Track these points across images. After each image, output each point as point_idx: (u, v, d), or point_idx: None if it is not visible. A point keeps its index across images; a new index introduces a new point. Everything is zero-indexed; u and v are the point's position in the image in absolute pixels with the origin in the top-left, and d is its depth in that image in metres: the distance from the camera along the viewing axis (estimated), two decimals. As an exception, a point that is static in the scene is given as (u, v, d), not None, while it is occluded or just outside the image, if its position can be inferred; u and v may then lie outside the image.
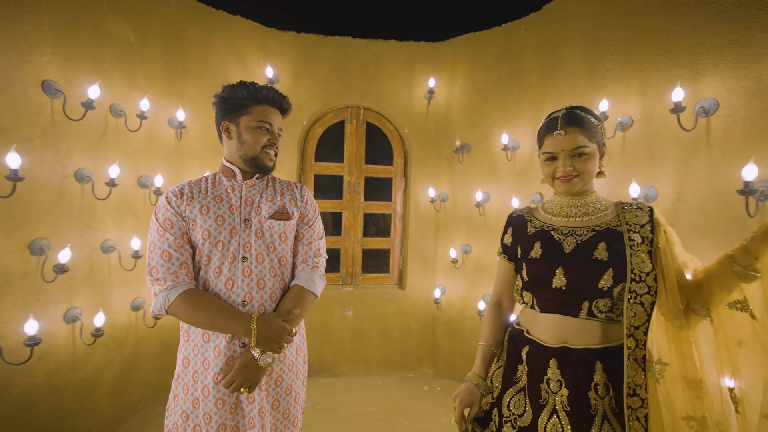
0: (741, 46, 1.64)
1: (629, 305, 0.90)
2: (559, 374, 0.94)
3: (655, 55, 1.91)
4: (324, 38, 2.95)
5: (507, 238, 1.18)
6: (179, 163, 2.49)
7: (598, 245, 0.96)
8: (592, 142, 0.99)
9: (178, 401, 1.15)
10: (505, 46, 2.73)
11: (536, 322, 1.03)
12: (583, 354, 0.93)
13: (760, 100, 1.57)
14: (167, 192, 1.16)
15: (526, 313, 1.09)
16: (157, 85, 2.38)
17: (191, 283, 1.11)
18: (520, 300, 1.10)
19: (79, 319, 1.94)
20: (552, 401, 0.94)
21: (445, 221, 3.02)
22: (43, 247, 1.78)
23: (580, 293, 0.95)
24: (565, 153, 0.99)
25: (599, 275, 0.94)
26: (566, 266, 0.97)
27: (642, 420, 0.85)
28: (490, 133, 2.78)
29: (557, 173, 1.01)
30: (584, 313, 0.95)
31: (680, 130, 1.76)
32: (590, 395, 0.90)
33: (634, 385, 0.87)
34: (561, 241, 1.01)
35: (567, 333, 0.96)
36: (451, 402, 1.14)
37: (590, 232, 0.99)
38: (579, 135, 0.97)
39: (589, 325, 0.94)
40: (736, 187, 1.54)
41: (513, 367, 1.06)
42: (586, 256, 0.96)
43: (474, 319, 2.81)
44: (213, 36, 2.62)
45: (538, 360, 0.99)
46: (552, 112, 1.06)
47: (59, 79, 1.87)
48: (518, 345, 1.07)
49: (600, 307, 0.94)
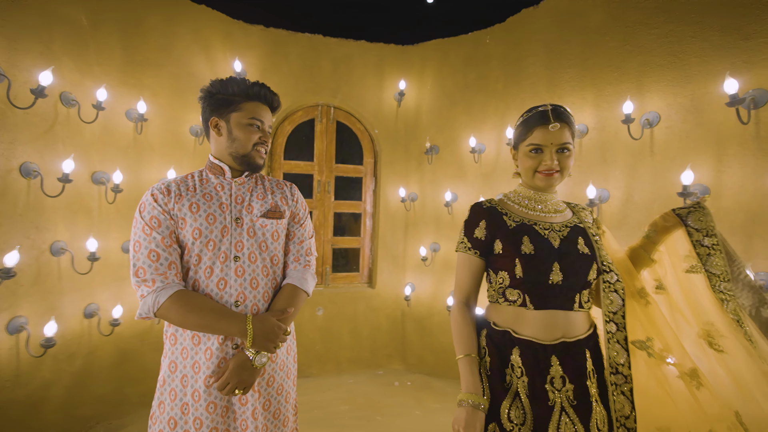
0: (678, 67, 1.88)
1: (605, 294, 1.01)
2: (561, 370, 0.94)
3: (608, 71, 2.13)
4: (294, 35, 2.91)
5: (479, 232, 1.06)
6: (138, 158, 2.32)
7: (578, 240, 1.02)
8: (573, 141, 1.02)
9: (164, 408, 1.09)
10: (471, 53, 2.86)
11: (525, 321, 0.99)
12: (577, 344, 0.97)
13: (694, 115, 1.82)
14: (152, 189, 1.10)
15: (507, 312, 1.02)
16: (113, 74, 2.20)
17: (181, 284, 1.07)
18: (501, 298, 1.03)
19: (24, 329, 1.75)
20: (559, 400, 0.93)
21: (414, 220, 3.10)
22: (-17, 250, 1.59)
23: (573, 287, 0.99)
24: (553, 147, 0.99)
25: (588, 268, 1.00)
26: (561, 261, 0.98)
27: (627, 394, 0.96)
28: (458, 136, 2.91)
29: (541, 167, 1.01)
30: (577, 305, 0.99)
31: (629, 138, 1.98)
32: (588, 383, 0.95)
33: (616, 365, 0.97)
34: (546, 236, 1.02)
35: (563, 327, 0.97)
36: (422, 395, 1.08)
37: (566, 228, 1.04)
38: (566, 131, 0.99)
39: (578, 317, 0.99)
40: (676, 190, 1.76)
41: (501, 373, 0.99)
42: (575, 251, 1.00)
43: (443, 314, 2.92)
44: (175, 25, 2.47)
45: (537, 360, 0.95)
46: (535, 107, 1.05)
47: (2, 62, 1.67)
48: (503, 348, 1.00)
49: (584, 298, 1.01)
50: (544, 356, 0.95)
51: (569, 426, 0.91)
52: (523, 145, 1.05)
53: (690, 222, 1.08)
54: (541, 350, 0.96)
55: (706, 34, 1.79)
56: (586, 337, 1.00)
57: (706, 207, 1.07)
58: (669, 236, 1.10)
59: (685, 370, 0.98)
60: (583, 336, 1.00)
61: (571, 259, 1.00)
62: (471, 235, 1.08)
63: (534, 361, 0.95)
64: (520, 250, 1.01)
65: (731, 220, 1.68)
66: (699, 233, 1.05)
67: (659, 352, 1.01)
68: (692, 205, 1.09)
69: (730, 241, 1.09)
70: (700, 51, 1.80)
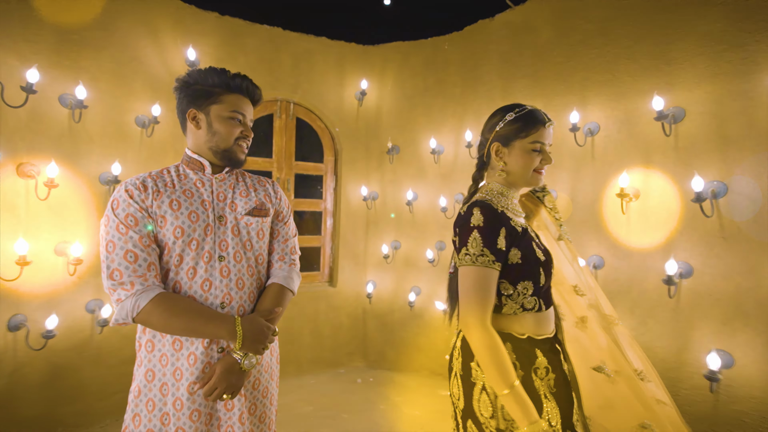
0: (614, 84, 2.14)
1: None
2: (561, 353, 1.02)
3: (555, 83, 2.35)
4: (252, 25, 2.79)
5: (501, 242, 0.93)
6: (75, 149, 2.07)
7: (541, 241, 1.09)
8: None
9: (140, 420, 1.01)
10: (431, 57, 2.97)
11: (541, 322, 1.00)
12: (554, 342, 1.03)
13: (627, 127, 2.09)
14: (126, 184, 1.01)
15: (527, 320, 0.98)
16: (43, 53, 1.95)
17: (161, 286, 1.00)
18: (519, 310, 0.97)
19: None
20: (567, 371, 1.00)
21: (375, 219, 3.14)
22: None
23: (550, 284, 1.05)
24: (547, 146, 1.01)
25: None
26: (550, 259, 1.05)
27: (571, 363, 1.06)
28: (418, 137, 3.01)
29: (541, 164, 1.00)
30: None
31: (575, 145, 2.21)
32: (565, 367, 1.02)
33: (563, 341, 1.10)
34: (535, 238, 1.05)
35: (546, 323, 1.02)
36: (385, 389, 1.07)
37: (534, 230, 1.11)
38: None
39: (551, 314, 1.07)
40: (614, 191, 2.01)
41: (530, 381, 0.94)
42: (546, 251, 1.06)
43: (404, 310, 3.00)
44: (117, 3, 2.24)
45: (552, 353, 0.99)
46: (523, 106, 1.01)
47: None
48: (530, 355, 0.96)
49: None
50: (553, 345, 1.01)
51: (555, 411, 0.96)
52: (523, 142, 0.99)
53: (546, 202, 1.15)
54: (552, 341, 1.01)
55: (636, 56, 2.06)
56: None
57: (549, 192, 1.17)
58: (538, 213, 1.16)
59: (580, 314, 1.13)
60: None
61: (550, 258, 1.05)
62: (494, 246, 0.92)
63: (551, 354, 0.98)
64: (537, 257, 0.98)
65: (656, 218, 1.96)
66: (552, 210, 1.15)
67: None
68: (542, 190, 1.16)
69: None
70: (632, 71, 2.07)
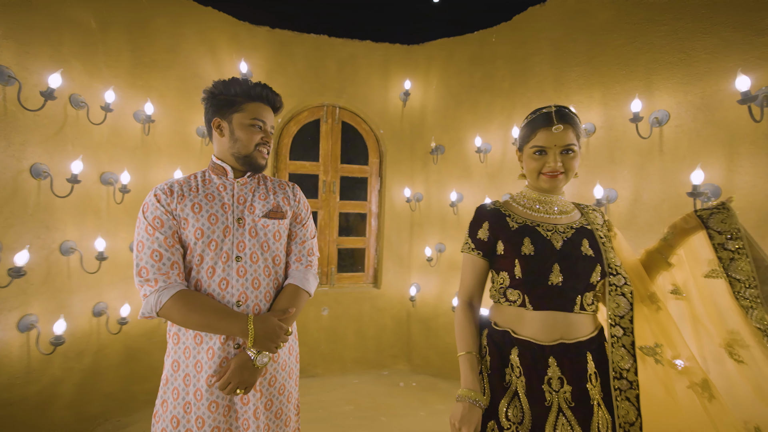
0: (688, 64, 1.84)
1: (611, 297, 0.99)
2: (559, 372, 0.94)
3: (615, 69, 2.09)
4: (299, 35, 2.92)
5: (482, 233, 1.09)
6: (146, 159, 2.35)
7: (582, 242, 1.02)
8: (578, 142, 1.02)
9: (167, 407, 1.10)
10: (477, 52, 2.84)
11: (525, 321, 1.00)
12: (577, 347, 0.96)
13: (704, 113, 1.78)
14: (155, 189, 1.11)
15: (508, 312, 1.04)
16: (121, 76, 2.24)
17: (183, 284, 1.08)
18: (502, 299, 1.05)
19: (35, 326, 1.79)
20: (556, 400, 0.93)
21: (419, 221, 3.09)
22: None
23: (574, 288, 0.98)
24: (557, 149, 0.99)
25: (591, 270, 0.99)
26: (561, 263, 0.98)
27: (633, 400, 0.93)
28: (464, 136, 2.89)
29: (545, 168, 1.01)
30: (578, 307, 0.98)
31: (638, 137, 1.95)
32: (588, 386, 0.94)
33: (620, 369, 0.95)
34: (549, 237, 1.02)
35: (562, 328, 0.97)
36: (427, 395, 1.09)
37: (571, 230, 1.03)
38: (570, 132, 0.99)
39: (580, 319, 0.98)
40: (686, 190, 1.73)
41: (500, 372, 1.00)
42: (578, 253, 1.00)
43: (448, 315, 2.90)
44: (182, 26, 2.50)
45: (534, 361, 0.96)
46: (539, 108, 1.05)
47: (13, 65, 1.71)
48: (502, 347, 1.02)
49: (587, 301, 1.00)
50: (542, 357, 0.96)
51: (566, 427, 0.91)
52: (527, 147, 1.05)
53: (711, 224, 1.01)
54: (539, 351, 0.96)
55: (716, 30, 1.74)
56: (588, 340, 0.99)
57: (731, 208, 1.01)
58: (688, 239, 1.05)
59: (697, 380, 0.95)
60: (584, 338, 0.99)
61: (573, 260, 0.99)
62: (474, 236, 1.11)
63: (532, 361, 0.96)
64: (520, 251, 1.02)
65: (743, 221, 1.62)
66: (721, 236, 0.99)
67: (669, 359, 0.98)
68: (716, 207, 1.03)
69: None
70: (710, 47, 1.76)
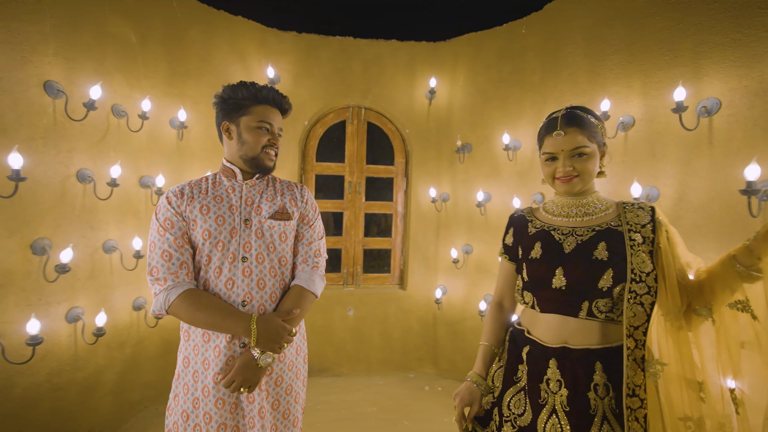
0: (744, 45, 1.63)
1: (629, 305, 0.90)
2: (558, 374, 0.94)
3: (657, 55, 1.90)
4: (325, 38, 2.95)
5: (508, 239, 1.18)
6: (181, 163, 2.49)
7: (598, 245, 0.96)
8: (592, 142, 0.99)
9: (178, 401, 1.15)
10: (506, 45, 2.72)
11: (536, 322, 1.03)
12: (583, 354, 0.93)
13: (763, 100, 1.56)
14: (167, 192, 1.16)
15: (526, 313, 1.10)
16: (158, 86, 2.38)
17: (191, 283, 1.11)
18: (521, 300, 1.10)
19: (80, 318, 1.95)
20: (552, 401, 0.94)
21: (446, 221, 3.02)
22: (45, 247, 1.78)
23: (579, 293, 0.95)
24: (565, 153, 0.99)
25: (599, 275, 0.94)
26: (566, 266, 0.97)
27: (641, 420, 0.85)
28: (492, 133, 2.78)
29: (557, 173, 1.02)
30: (584, 313, 0.95)
31: (682, 129, 1.75)
32: (590, 395, 0.90)
33: (633, 386, 0.87)
34: (561, 241, 1.01)
35: (567, 333, 0.96)
36: (452, 402, 1.11)
37: (590, 232, 0.99)
38: (579, 135, 0.97)
39: (588, 326, 0.94)
40: (739, 187, 1.53)
41: (514, 367, 1.06)
42: (586, 256, 0.96)
43: (475, 319, 2.80)
44: (214, 36, 2.62)
45: (537, 360, 0.99)
46: (552, 113, 1.06)
47: (61, 80, 1.87)
48: (519, 345, 1.07)
49: (600, 307, 0.94)
50: (544, 357, 0.98)
51: (557, 427, 0.92)
52: (540, 154, 1.07)
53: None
54: (542, 351, 0.99)
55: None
56: (599, 349, 0.92)
57: None
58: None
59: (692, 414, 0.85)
60: (594, 347, 0.93)
61: (578, 264, 0.96)
62: (503, 241, 1.21)
63: (535, 360, 1.00)
64: (529, 255, 1.06)
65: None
66: None
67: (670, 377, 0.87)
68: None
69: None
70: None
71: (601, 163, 1.03)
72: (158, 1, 2.36)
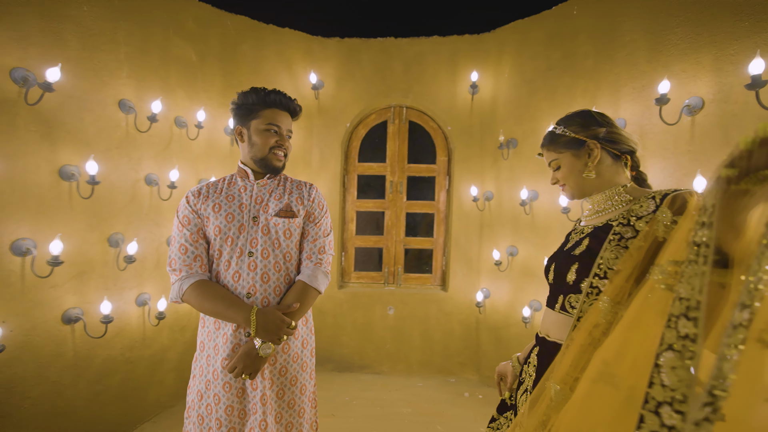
0: None
1: (587, 299, 0.87)
2: (536, 361, 1.03)
3: (733, 22, 1.59)
4: (366, 41, 3.01)
5: None
6: (233, 166, 2.73)
7: (583, 241, 0.96)
8: (561, 153, 1.01)
9: (195, 381, 1.27)
10: (555, 30, 2.50)
11: (546, 316, 1.09)
12: (554, 347, 0.97)
13: None
14: (188, 192, 1.29)
15: None
16: (215, 98, 2.65)
17: (204, 275, 1.22)
18: None
19: (147, 303, 2.25)
20: (527, 380, 1.05)
21: (489, 221, 2.87)
22: (119, 241, 2.10)
23: (557, 287, 0.99)
24: (552, 168, 1.07)
25: (566, 270, 0.96)
26: (556, 263, 1.02)
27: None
28: (539, 126, 2.57)
29: None
30: (558, 306, 0.98)
31: (761, 110, 1.44)
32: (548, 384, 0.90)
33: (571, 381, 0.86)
34: (570, 239, 1.04)
35: (549, 324, 1.02)
36: (492, 412, 1.20)
37: (590, 229, 0.98)
38: (550, 152, 1.05)
39: (562, 320, 0.97)
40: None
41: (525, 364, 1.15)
42: (569, 252, 0.98)
43: (519, 326, 2.62)
44: (264, 49, 2.83)
45: (532, 345, 1.11)
46: None
47: (132, 98, 2.18)
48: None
49: (572, 303, 0.94)
50: (534, 344, 1.08)
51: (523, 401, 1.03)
52: None
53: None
54: (536, 338, 1.08)
55: None
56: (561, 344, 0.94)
57: None
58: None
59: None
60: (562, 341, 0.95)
61: (559, 260, 1.01)
62: None
63: (531, 345, 1.11)
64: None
65: None
66: None
67: None
68: None
69: None
70: None
71: (589, 161, 0.97)
72: (215, 22, 2.62)
